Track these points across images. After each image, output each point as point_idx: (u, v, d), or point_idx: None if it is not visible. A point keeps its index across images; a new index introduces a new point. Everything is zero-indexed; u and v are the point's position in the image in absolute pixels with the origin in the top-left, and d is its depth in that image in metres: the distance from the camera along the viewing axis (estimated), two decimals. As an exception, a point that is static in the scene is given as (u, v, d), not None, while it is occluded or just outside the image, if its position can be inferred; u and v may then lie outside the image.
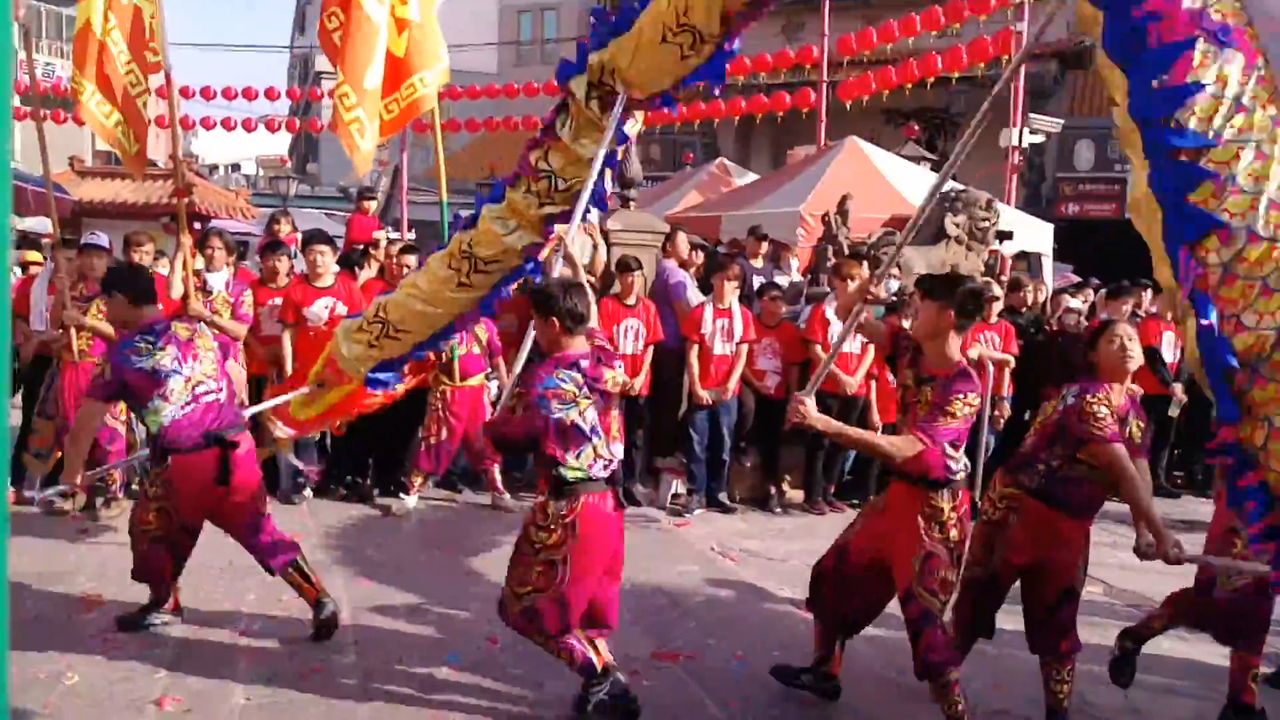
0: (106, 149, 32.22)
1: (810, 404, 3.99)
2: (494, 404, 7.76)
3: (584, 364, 4.04)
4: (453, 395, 7.25)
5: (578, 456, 3.96)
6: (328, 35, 6.83)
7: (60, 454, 6.75)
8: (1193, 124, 2.98)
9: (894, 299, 8.25)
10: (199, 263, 7.21)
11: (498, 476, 7.53)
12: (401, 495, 7.37)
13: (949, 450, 3.98)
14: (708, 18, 4.30)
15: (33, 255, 9.26)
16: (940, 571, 3.98)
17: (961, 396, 3.93)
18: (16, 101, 19.94)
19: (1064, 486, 4.16)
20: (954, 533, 4.00)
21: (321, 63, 38.14)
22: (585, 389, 3.99)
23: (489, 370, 7.54)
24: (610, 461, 4.07)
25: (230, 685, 4.30)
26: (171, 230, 7.86)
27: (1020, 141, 12.72)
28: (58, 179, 13.41)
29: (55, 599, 5.23)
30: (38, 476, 6.87)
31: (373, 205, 12.15)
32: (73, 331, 6.55)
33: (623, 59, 4.57)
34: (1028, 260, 11.03)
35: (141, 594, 5.10)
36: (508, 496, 7.51)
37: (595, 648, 4.06)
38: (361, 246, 9.28)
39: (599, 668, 4.00)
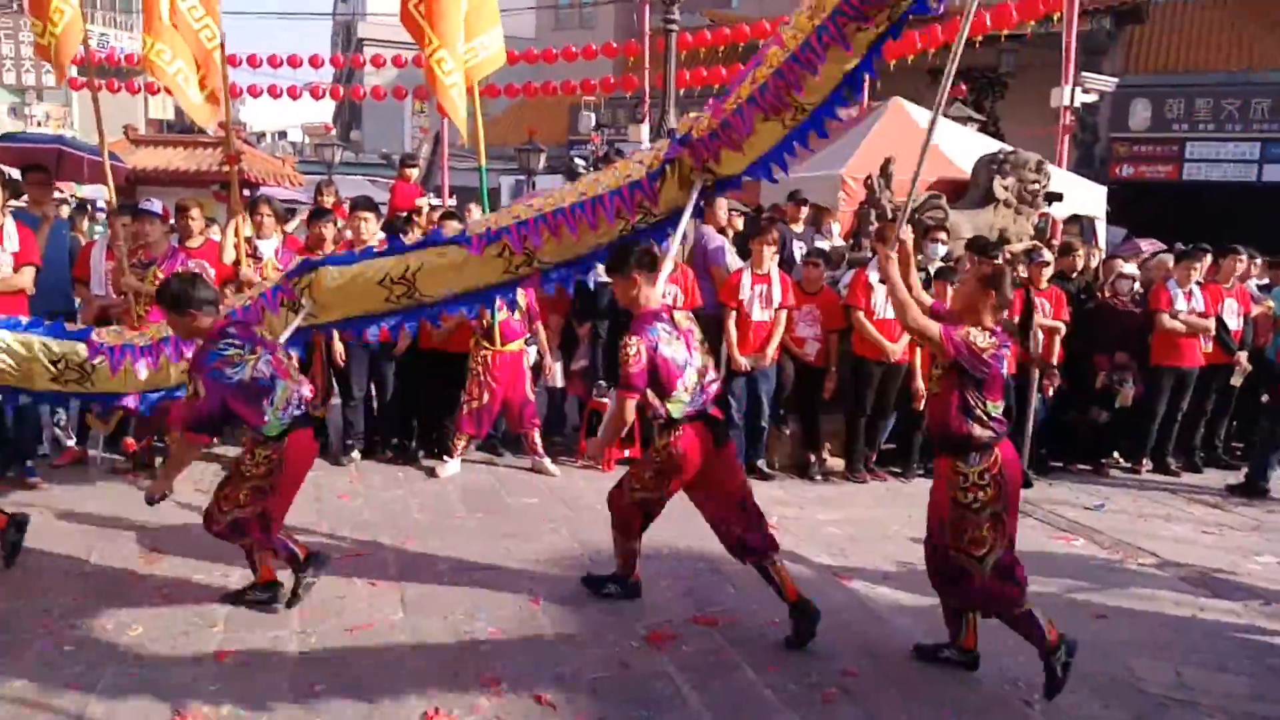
0: (160, 118, 32.59)
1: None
2: (533, 369, 7.80)
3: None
4: (493, 359, 7.28)
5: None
6: (407, 10, 6.87)
7: (120, 413, 6.92)
8: None
9: (941, 264, 8.14)
10: (249, 230, 7.31)
11: (538, 440, 7.57)
12: (445, 458, 7.45)
13: (978, 411, 4.12)
14: (813, 97, 4.33)
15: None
16: (970, 531, 4.14)
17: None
18: (74, 72, 20.26)
19: None
20: (982, 494, 4.12)
21: (364, 30, 38.23)
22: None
23: (529, 335, 7.56)
24: None
25: (284, 639, 4.41)
26: (222, 197, 7.97)
27: (1072, 101, 12.37)
28: (113, 147, 13.58)
29: (119, 554, 5.41)
30: (101, 436, 7.06)
31: (414, 172, 12.17)
32: (131, 296, 6.67)
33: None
34: (1080, 224, 10.79)
35: (201, 551, 5.21)
36: (548, 460, 7.54)
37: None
38: (405, 214, 9.31)
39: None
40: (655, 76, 15.46)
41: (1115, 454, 8.60)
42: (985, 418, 4.13)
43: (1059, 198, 9.79)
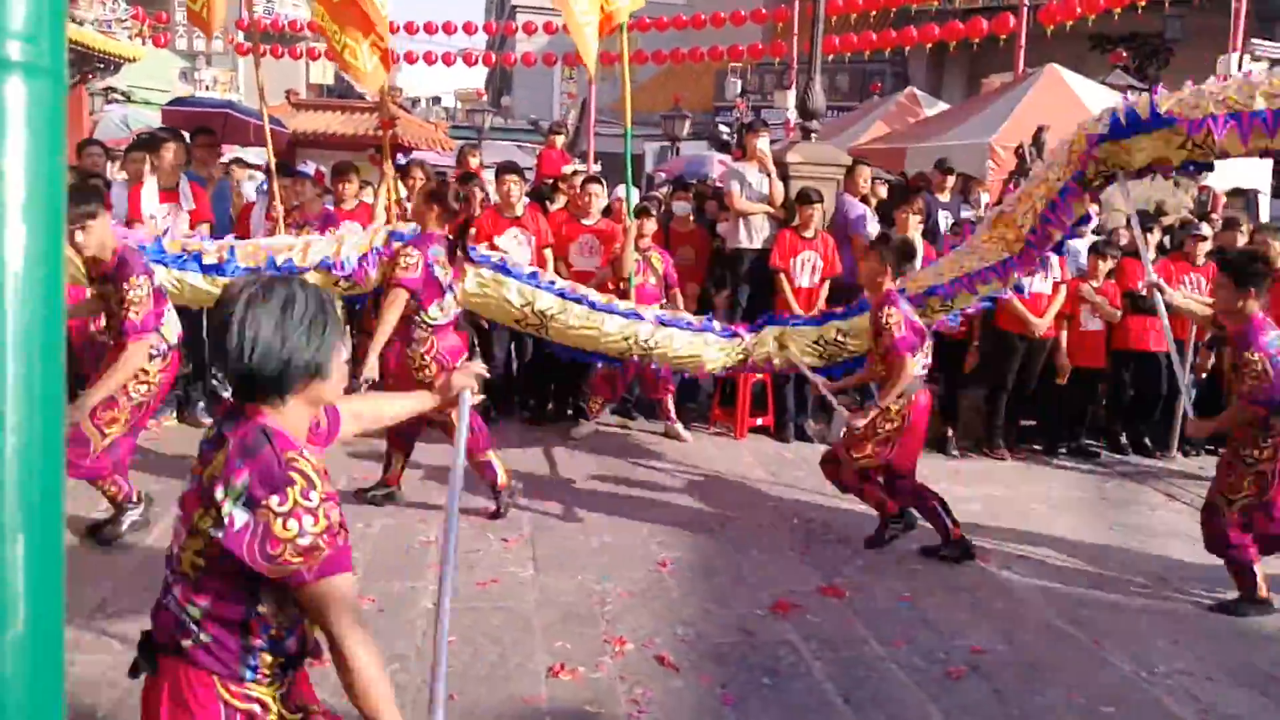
0: (320, 82, 33.76)
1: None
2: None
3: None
4: None
5: None
6: None
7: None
8: None
9: (1095, 238, 7.89)
10: (401, 192, 7.58)
11: (671, 406, 7.65)
12: (581, 420, 7.62)
13: None
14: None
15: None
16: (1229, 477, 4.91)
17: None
18: (240, 38, 21.17)
19: None
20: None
21: (517, -2, 38.78)
22: None
23: (664, 301, 7.63)
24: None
25: (418, 591, 4.59)
26: (377, 161, 8.28)
27: (1240, 68, 11.74)
28: (275, 112, 14.18)
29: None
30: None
31: (561, 139, 12.36)
32: None
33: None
34: (1245, 197, 10.26)
35: (345, 501, 5.47)
36: (680, 426, 7.62)
37: None
38: (551, 181, 9.48)
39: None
40: (804, 42, 15.29)
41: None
42: None
43: (1210, 168, 9.33)
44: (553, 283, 6.28)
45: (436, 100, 49.07)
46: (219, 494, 1.85)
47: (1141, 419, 7.95)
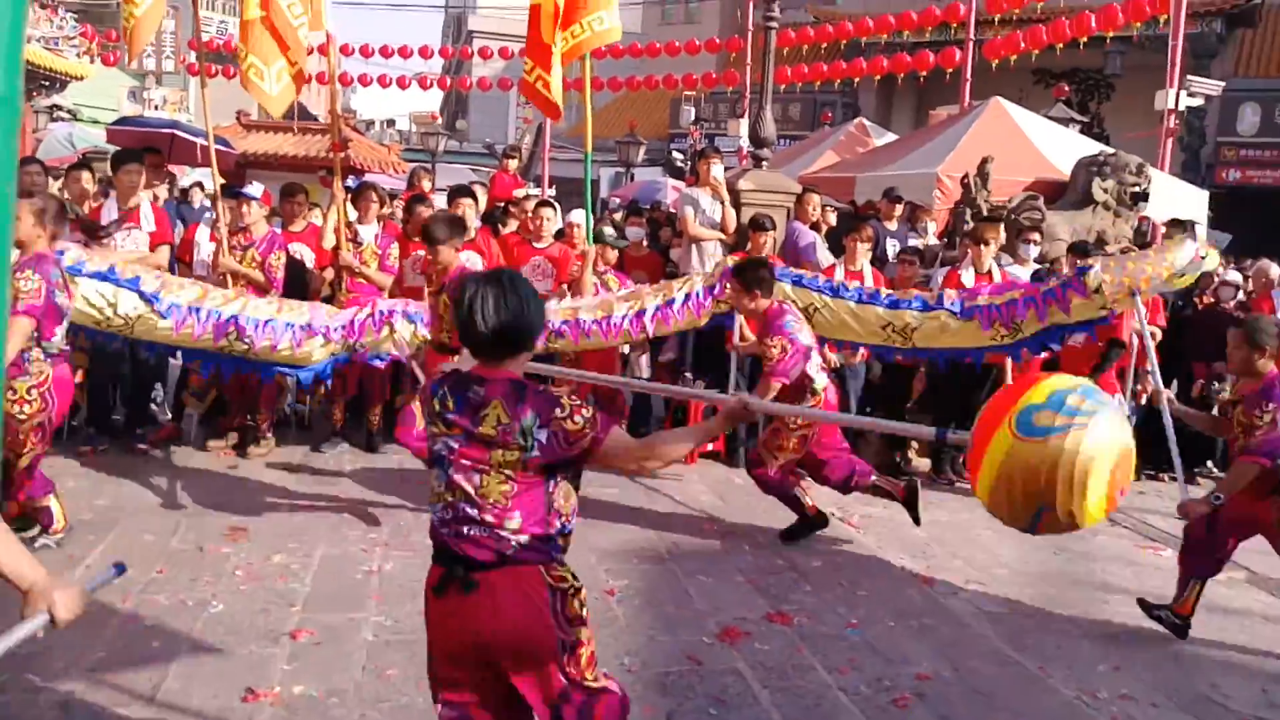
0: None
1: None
2: (624, 357, 7.91)
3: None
4: (583, 357, 7.38)
5: None
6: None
7: (215, 394, 7.24)
8: None
9: (1038, 267, 8.04)
10: (352, 214, 7.52)
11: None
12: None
13: None
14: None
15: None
16: None
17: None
18: (192, 57, 20.93)
19: None
20: None
21: (474, 22, 38.86)
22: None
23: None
24: None
25: (360, 621, 4.52)
26: (327, 183, 8.21)
27: (1176, 104, 12.06)
28: (226, 132, 14.00)
29: (206, 531, 5.57)
30: (195, 415, 7.35)
31: (514, 164, 12.36)
32: (229, 277, 6.91)
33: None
34: (1183, 228, 10.51)
35: (285, 531, 5.42)
36: None
37: None
38: (503, 204, 9.46)
39: None
40: (756, 73, 15.48)
41: (1209, 463, 8.37)
42: None
43: (1144, 198, 9.58)
44: (138, 279, 6.01)
45: (391, 123, 48.87)
46: (518, 433, 2.55)
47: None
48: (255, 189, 7.30)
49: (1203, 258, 6.27)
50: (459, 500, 2.63)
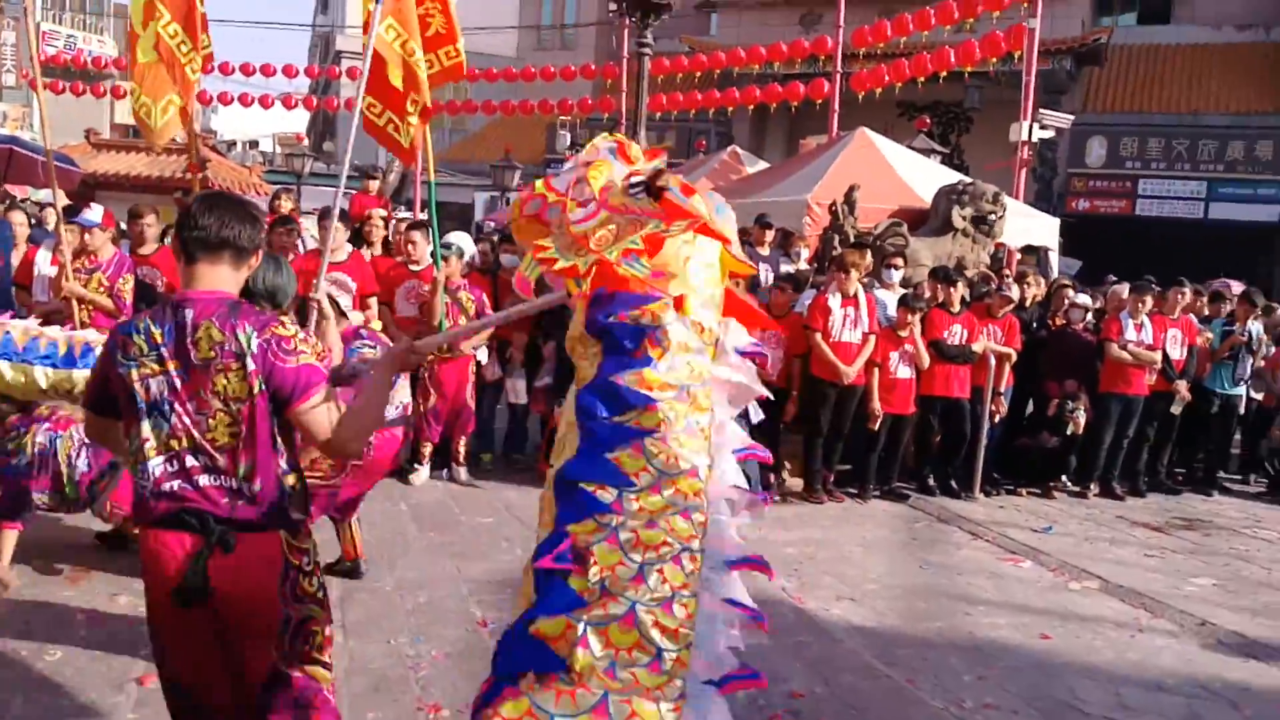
0: (126, 122, 32.27)
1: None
2: (495, 385, 7.86)
3: None
4: (440, 367, 7.35)
5: None
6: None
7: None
8: None
9: (903, 291, 8.31)
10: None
11: (462, 448, 7.69)
12: (416, 465, 7.52)
13: None
14: None
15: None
16: None
17: None
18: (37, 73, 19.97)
19: None
20: None
21: (343, 42, 38.15)
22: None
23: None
24: None
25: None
26: (183, 204, 7.91)
27: (1029, 136, 12.67)
28: (74, 151, 13.40)
29: (39, 575, 5.17)
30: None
31: (375, 184, 12.17)
32: (74, 303, 6.53)
33: None
34: (1036, 254, 11.02)
35: (121, 569, 5.13)
36: (464, 470, 7.65)
37: None
38: (356, 224, 9.23)
39: None
40: (631, 99, 15.64)
41: (1063, 478, 8.76)
42: None
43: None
44: None
45: (254, 144, 47.51)
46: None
47: (948, 461, 8.36)
48: (95, 213, 6.84)
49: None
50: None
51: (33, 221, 8.93)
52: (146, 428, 2.49)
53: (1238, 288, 12.47)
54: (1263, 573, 6.78)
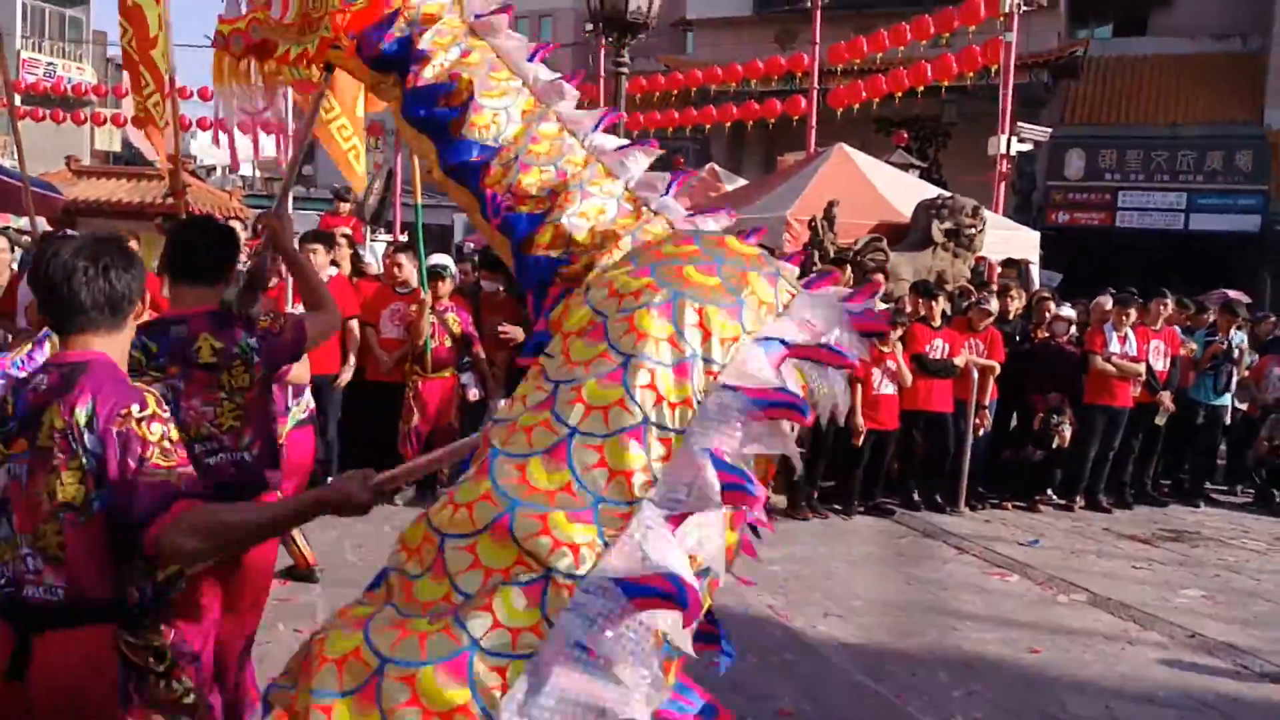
0: (106, 149, 32.12)
1: None
2: (477, 405, 7.82)
3: None
4: (423, 385, 7.31)
5: None
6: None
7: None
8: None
9: (885, 306, 8.29)
10: None
11: (445, 471, 7.57)
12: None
13: None
14: None
15: None
16: None
17: None
18: (17, 101, 19.93)
19: None
20: None
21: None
22: None
23: (464, 360, 7.59)
24: None
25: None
26: (164, 231, 7.86)
27: (1008, 149, 12.75)
28: (55, 178, 13.33)
29: None
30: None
31: (346, 206, 12.12)
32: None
33: None
34: (1017, 267, 11.04)
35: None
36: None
37: None
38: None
39: None
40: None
41: (1049, 491, 8.75)
42: None
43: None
44: None
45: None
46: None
47: (932, 476, 8.33)
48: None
49: None
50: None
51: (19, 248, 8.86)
52: None
53: (1236, 297, 12.52)
54: (1251, 583, 6.78)
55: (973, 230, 9.47)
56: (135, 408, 1.99)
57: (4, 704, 1.99)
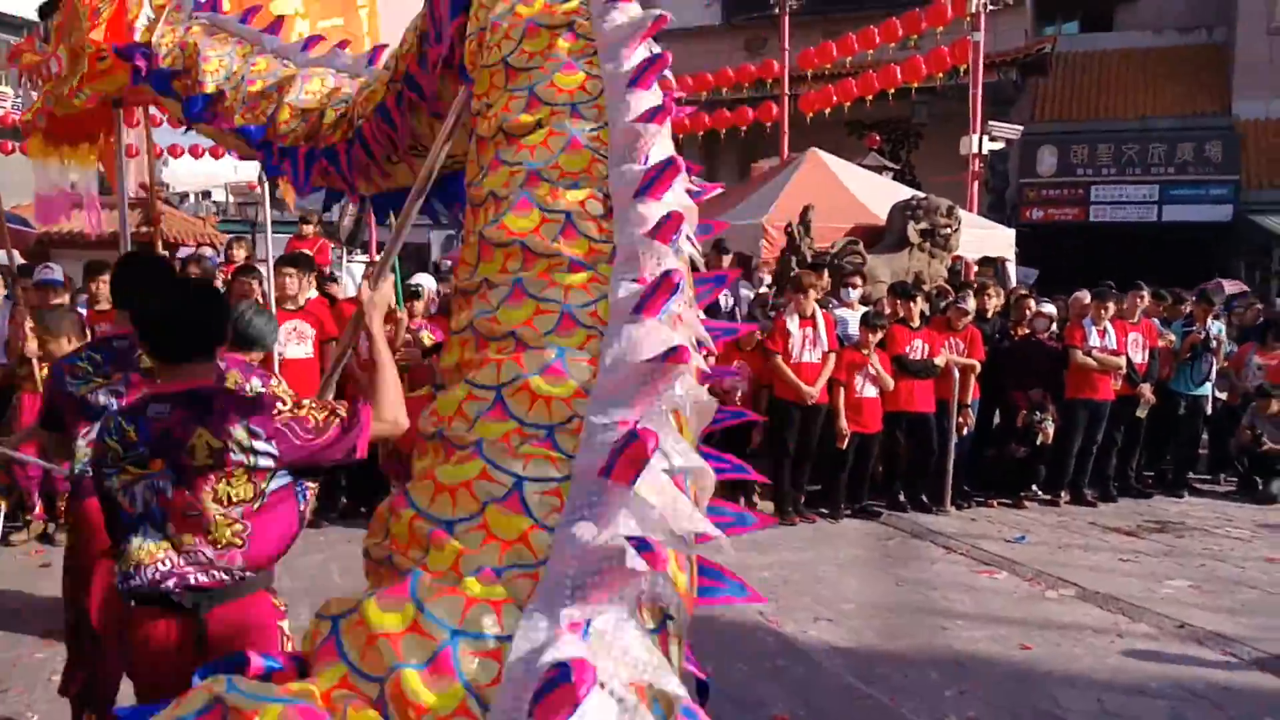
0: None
1: None
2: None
3: None
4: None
5: None
6: None
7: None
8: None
9: (863, 309, 8.32)
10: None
11: None
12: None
13: None
14: None
15: None
16: None
17: None
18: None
19: None
20: None
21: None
22: None
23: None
24: None
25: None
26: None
27: (980, 148, 12.84)
28: (27, 211, 13.23)
29: (14, 638, 5.13)
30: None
31: (310, 228, 12.09)
32: (34, 363, 6.45)
33: None
34: (994, 266, 11.09)
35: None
36: None
37: None
38: None
39: None
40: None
41: (1034, 487, 8.78)
42: None
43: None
44: None
45: (206, 194, 47.20)
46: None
47: (917, 476, 8.35)
48: (55, 272, 6.84)
49: None
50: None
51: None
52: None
53: (1230, 286, 12.60)
54: (1237, 571, 6.81)
55: (948, 230, 9.52)
56: (277, 406, 2.41)
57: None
